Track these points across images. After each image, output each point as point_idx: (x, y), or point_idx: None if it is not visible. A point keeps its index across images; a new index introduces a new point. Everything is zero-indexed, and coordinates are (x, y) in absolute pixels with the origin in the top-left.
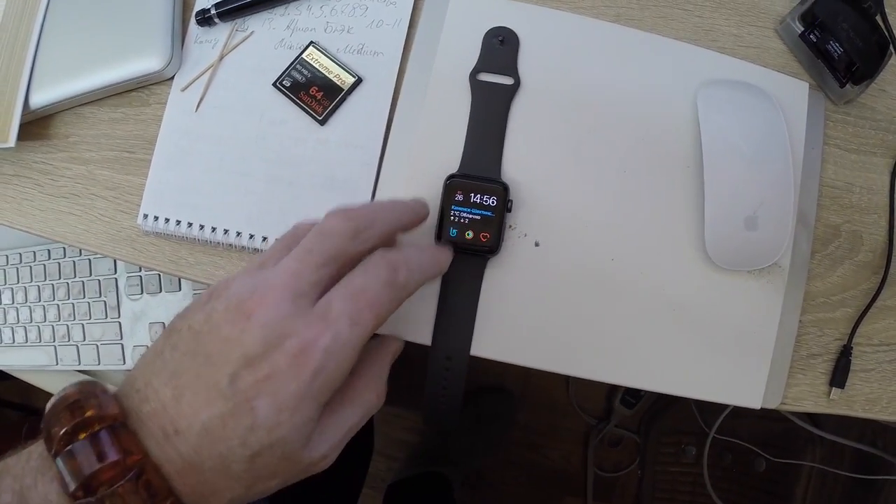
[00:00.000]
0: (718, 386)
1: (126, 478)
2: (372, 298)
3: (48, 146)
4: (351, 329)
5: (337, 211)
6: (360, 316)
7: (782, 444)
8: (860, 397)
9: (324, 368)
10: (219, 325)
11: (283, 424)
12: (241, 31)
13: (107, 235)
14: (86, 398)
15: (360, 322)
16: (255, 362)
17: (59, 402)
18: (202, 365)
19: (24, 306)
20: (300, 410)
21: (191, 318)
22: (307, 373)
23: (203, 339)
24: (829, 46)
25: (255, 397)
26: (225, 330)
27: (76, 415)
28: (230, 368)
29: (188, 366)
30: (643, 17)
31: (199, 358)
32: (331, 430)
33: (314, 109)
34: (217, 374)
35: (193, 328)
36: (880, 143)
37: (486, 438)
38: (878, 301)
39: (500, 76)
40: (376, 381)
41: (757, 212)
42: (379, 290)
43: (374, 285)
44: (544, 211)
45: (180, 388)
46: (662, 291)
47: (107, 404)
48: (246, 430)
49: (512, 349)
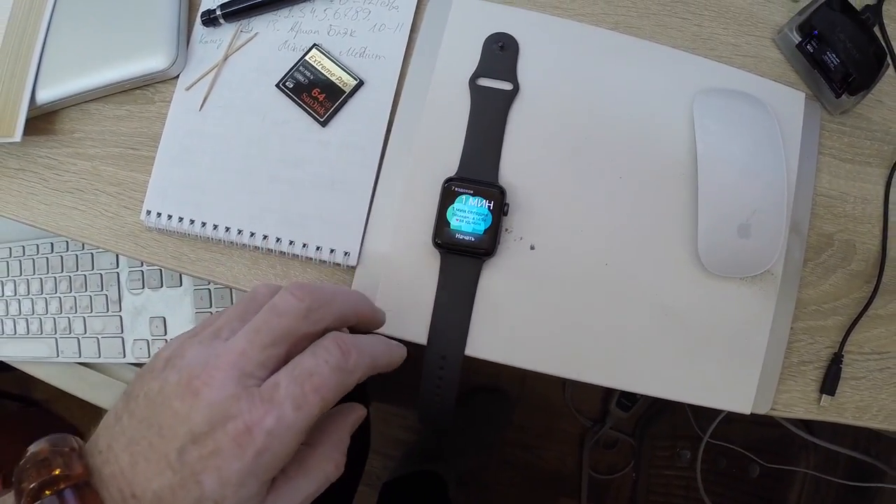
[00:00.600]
0: (709, 390)
1: None
2: (318, 382)
3: (53, 141)
4: (296, 413)
5: (293, 287)
6: (306, 399)
7: (776, 450)
8: (850, 405)
9: (267, 450)
10: (170, 398)
11: (228, 498)
12: (246, 32)
13: (110, 231)
14: (53, 456)
15: (305, 406)
16: (200, 439)
17: (29, 458)
18: (154, 435)
19: (26, 298)
20: (245, 487)
21: (147, 385)
22: (250, 453)
23: (156, 410)
24: (826, 57)
25: (202, 472)
26: (175, 404)
27: (43, 473)
28: (178, 443)
29: (143, 434)
30: (642, 26)
31: (153, 428)
32: (284, 499)
33: (316, 111)
34: (167, 447)
35: (149, 396)
36: (875, 154)
37: (482, 438)
38: (870, 310)
39: (499, 81)
40: (333, 451)
41: (750, 219)
42: (327, 374)
43: (323, 369)
44: (540, 215)
45: (135, 455)
46: (655, 297)
47: (72, 463)
48: (194, 502)
49: (505, 350)
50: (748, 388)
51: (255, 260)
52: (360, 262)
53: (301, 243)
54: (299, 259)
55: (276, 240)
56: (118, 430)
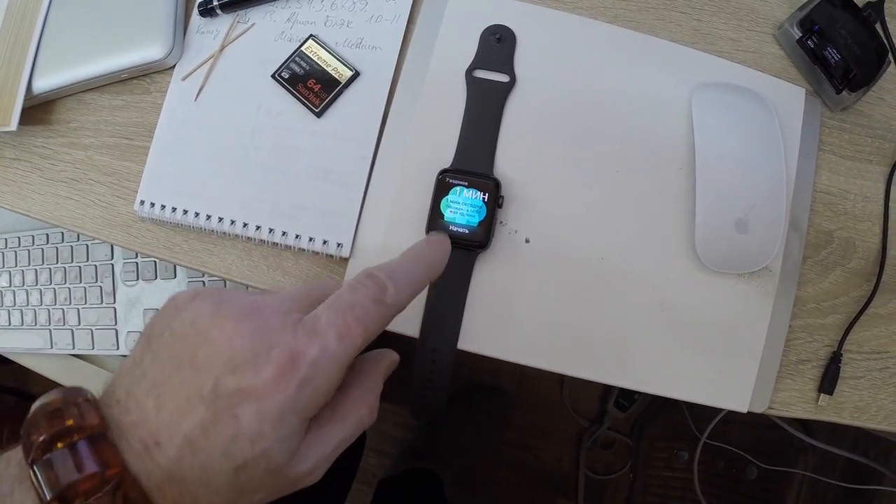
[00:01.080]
0: (705, 388)
1: (103, 490)
2: (360, 313)
3: (49, 131)
4: (339, 343)
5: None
6: (349, 330)
7: (775, 451)
8: (849, 405)
9: (310, 381)
10: (206, 328)
11: (266, 436)
12: (243, 22)
13: (104, 220)
14: (66, 406)
15: (349, 336)
16: (240, 368)
17: (39, 409)
18: (186, 370)
19: (20, 289)
20: (284, 423)
21: (174, 321)
22: (293, 384)
23: (188, 343)
24: (827, 53)
25: (239, 404)
26: (213, 333)
27: (55, 423)
28: (215, 374)
29: (171, 372)
30: (641, 19)
31: (184, 363)
32: (318, 445)
33: (311, 102)
34: (200, 380)
35: (177, 331)
36: (876, 151)
37: (479, 437)
38: (870, 308)
39: (495, 73)
40: (368, 396)
41: (748, 215)
42: (367, 306)
43: (362, 301)
44: (535, 208)
45: (162, 396)
46: (651, 292)
47: (87, 414)
48: (228, 440)
49: (499, 344)
50: (745, 386)
51: (247, 251)
52: (353, 253)
53: (294, 234)
54: (292, 250)
55: (268, 230)
56: (139, 374)
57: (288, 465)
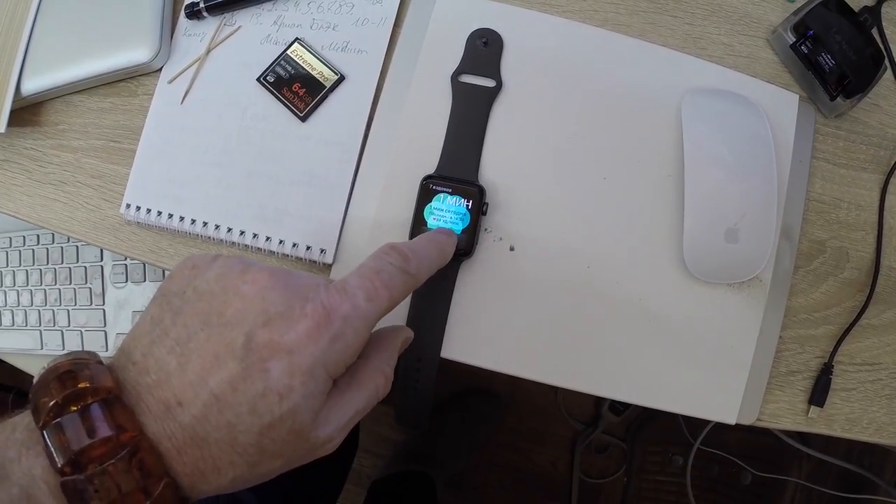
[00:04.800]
0: (693, 399)
1: (118, 456)
2: (386, 279)
3: (38, 133)
4: (367, 303)
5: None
6: (377, 293)
7: (769, 458)
8: (840, 417)
9: (342, 336)
10: (236, 284)
11: (295, 391)
12: (229, 25)
13: (91, 223)
14: (79, 369)
15: (376, 298)
16: (274, 321)
17: (48, 372)
18: (215, 324)
19: (11, 290)
20: (313, 378)
21: (196, 279)
22: (326, 337)
23: (215, 298)
24: (821, 58)
25: (270, 358)
26: (244, 288)
27: (67, 385)
28: (247, 327)
29: (198, 328)
30: (632, 23)
31: (212, 317)
32: (338, 411)
33: (296, 106)
34: (231, 334)
35: (200, 288)
36: (871, 159)
37: (472, 440)
38: (862, 319)
39: (482, 78)
40: (385, 366)
41: (738, 224)
42: (392, 272)
43: (388, 267)
44: (521, 215)
45: (188, 353)
46: (638, 301)
47: (101, 376)
48: (257, 396)
49: (483, 354)
50: (734, 397)
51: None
52: (337, 259)
53: (277, 239)
54: (275, 256)
55: (252, 235)
56: (159, 333)
57: (311, 428)
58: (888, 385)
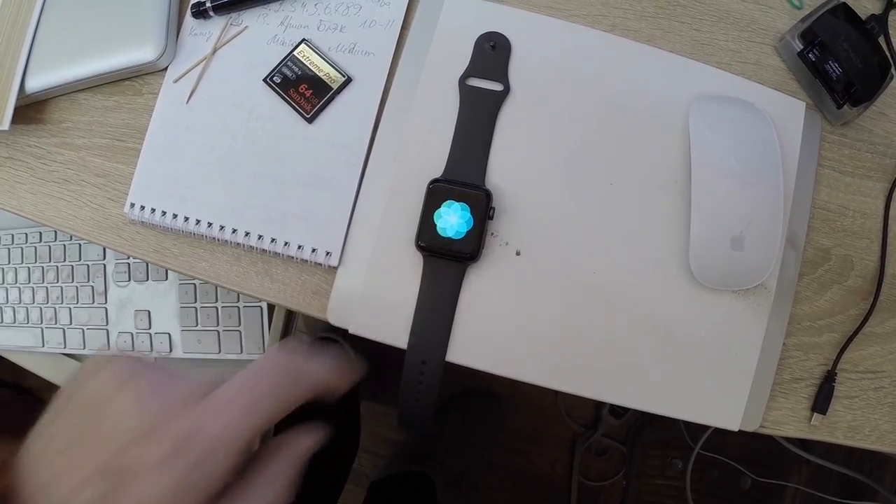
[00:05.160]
0: (696, 405)
1: None
2: (267, 391)
3: (42, 131)
4: (241, 420)
5: None
6: (258, 405)
7: (769, 463)
8: (843, 424)
9: (205, 460)
10: (112, 397)
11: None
12: (236, 25)
13: (94, 222)
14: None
15: (250, 414)
16: (143, 439)
17: None
18: (90, 439)
19: (13, 287)
20: (178, 502)
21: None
22: (188, 460)
23: (94, 411)
24: (828, 66)
25: (134, 479)
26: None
27: None
28: (116, 445)
29: (75, 439)
30: (640, 29)
31: (88, 430)
32: None
33: (303, 107)
34: (102, 450)
35: (81, 399)
36: (877, 167)
37: (472, 441)
38: (866, 327)
39: (489, 82)
40: (279, 479)
41: (744, 231)
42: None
43: (269, 378)
44: (527, 220)
45: (65, 463)
46: (644, 307)
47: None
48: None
49: (488, 358)
50: (737, 404)
51: (237, 257)
52: (342, 262)
53: (283, 242)
54: (281, 257)
55: (257, 237)
56: (48, 436)
57: None
58: (891, 393)
